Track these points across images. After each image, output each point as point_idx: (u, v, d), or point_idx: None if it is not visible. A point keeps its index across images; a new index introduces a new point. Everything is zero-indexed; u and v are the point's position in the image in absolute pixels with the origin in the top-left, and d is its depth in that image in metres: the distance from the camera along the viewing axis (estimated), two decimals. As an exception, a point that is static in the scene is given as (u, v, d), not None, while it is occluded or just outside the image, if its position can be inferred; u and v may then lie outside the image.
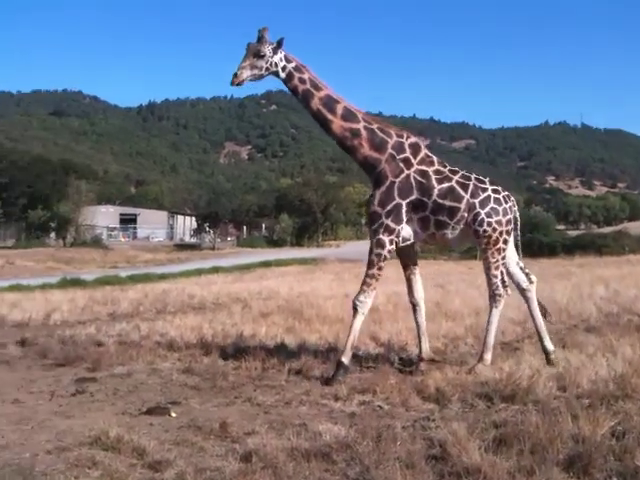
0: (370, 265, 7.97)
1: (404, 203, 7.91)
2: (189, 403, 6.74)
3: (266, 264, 39.11)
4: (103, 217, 79.91)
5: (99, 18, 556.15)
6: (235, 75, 7.86)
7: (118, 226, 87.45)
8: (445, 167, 8.26)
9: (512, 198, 8.38)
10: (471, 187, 8.09)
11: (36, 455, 4.94)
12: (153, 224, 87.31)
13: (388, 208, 7.88)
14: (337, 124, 8.05)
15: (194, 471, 4.58)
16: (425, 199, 7.97)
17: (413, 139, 8.32)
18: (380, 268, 7.94)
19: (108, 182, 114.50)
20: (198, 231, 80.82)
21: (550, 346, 8.13)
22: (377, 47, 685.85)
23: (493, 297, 8.06)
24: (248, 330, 10.65)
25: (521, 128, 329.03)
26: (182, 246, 73.91)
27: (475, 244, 8.52)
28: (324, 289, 18.88)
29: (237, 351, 9.05)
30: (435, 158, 8.31)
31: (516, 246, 8.46)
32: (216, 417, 6.04)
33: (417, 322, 8.45)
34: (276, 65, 7.98)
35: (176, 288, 19.85)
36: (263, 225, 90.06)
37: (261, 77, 8.05)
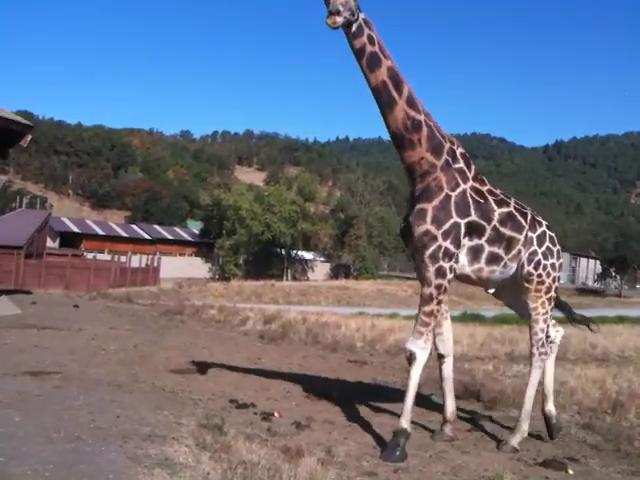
0: (428, 300, 6.06)
1: (462, 223, 6.12)
2: (588, 463, 6.24)
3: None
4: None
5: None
6: (338, 12, 5.58)
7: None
8: (496, 189, 6.58)
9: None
10: (529, 216, 6.75)
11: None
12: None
13: (445, 228, 6.04)
14: (401, 107, 6.06)
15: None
16: (484, 223, 6.26)
17: (462, 149, 6.45)
18: (439, 302, 6.12)
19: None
20: (603, 276, 75.79)
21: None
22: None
23: (535, 354, 6.91)
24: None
25: None
26: (584, 290, 70.54)
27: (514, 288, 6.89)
28: None
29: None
30: (484, 177, 6.57)
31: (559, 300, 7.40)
32: (620, 486, 5.44)
33: (442, 376, 6.95)
34: (353, 13, 5.78)
35: (578, 334, 18.74)
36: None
37: (345, 24, 5.73)
